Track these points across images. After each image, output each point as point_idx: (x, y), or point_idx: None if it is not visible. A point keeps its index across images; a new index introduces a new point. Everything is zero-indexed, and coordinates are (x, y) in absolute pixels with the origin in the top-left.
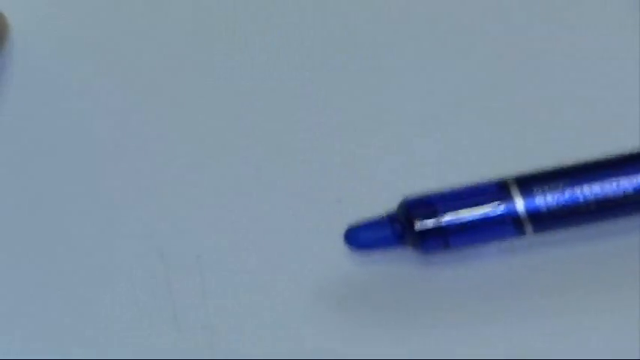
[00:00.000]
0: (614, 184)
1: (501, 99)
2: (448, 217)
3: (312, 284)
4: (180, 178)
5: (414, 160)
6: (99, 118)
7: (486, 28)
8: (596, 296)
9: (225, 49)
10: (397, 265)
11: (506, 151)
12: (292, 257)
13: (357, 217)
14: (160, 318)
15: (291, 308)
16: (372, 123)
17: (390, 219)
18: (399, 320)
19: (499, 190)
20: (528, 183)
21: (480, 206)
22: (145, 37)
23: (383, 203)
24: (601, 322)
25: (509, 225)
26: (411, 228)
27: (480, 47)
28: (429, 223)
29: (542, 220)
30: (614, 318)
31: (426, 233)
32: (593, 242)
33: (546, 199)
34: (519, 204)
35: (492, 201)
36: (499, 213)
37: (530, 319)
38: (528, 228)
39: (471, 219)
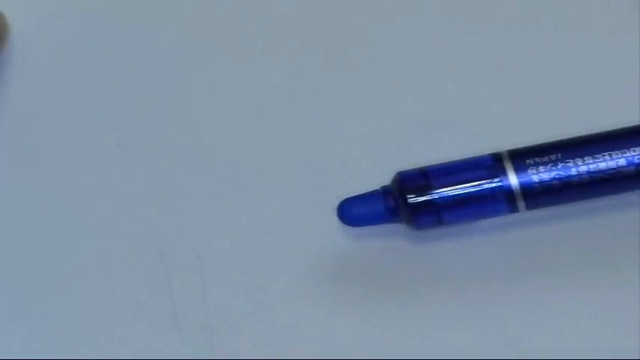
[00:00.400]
0: (608, 158)
1: (499, 97)
2: (441, 192)
3: (312, 284)
4: (180, 178)
5: (412, 156)
6: (99, 118)
7: (485, 28)
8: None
9: (225, 48)
10: (394, 253)
11: (504, 145)
12: (292, 257)
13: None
14: (160, 318)
15: (291, 308)
16: (370, 120)
17: (384, 193)
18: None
19: (493, 164)
20: (522, 157)
21: (474, 181)
22: (145, 37)
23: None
24: (601, 320)
25: (502, 201)
26: (404, 202)
27: (480, 47)
28: (423, 197)
29: (535, 196)
30: (614, 316)
31: (419, 208)
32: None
33: (540, 174)
34: (513, 179)
35: (486, 176)
36: (492, 188)
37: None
38: (521, 204)
39: (464, 194)
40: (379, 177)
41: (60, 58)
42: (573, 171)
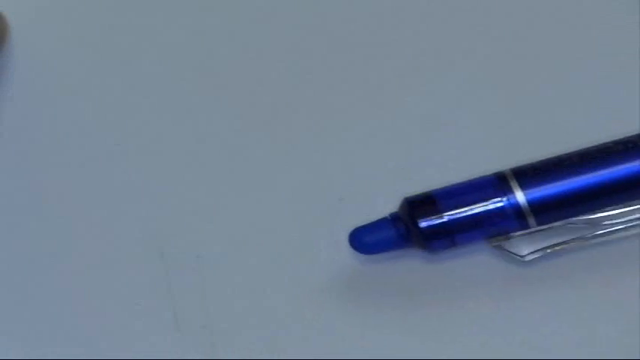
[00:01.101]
0: (611, 170)
1: (499, 97)
2: (451, 214)
3: (312, 283)
4: (180, 178)
5: (413, 156)
6: (99, 118)
7: (485, 28)
8: (597, 294)
9: (225, 48)
10: (401, 261)
11: (504, 145)
12: (292, 257)
13: (358, 216)
14: (159, 318)
15: (291, 308)
16: (370, 120)
17: (393, 219)
18: (403, 316)
19: (498, 183)
20: (526, 174)
21: (482, 202)
22: (145, 36)
23: (384, 200)
24: (602, 320)
25: (511, 218)
26: (415, 227)
27: (480, 47)
28: (433, 220)
29: (544, 211)
30: (614, 316)
31: (431, 231)
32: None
33: (546, 189)
34: (519, 196)
35: (493, 195)
36: (500, 207)
37: (535, 317)
38: (531, 220)
39: (473, 215)
40: (380, 175)
41: (60, 58)
42: (579, 184)
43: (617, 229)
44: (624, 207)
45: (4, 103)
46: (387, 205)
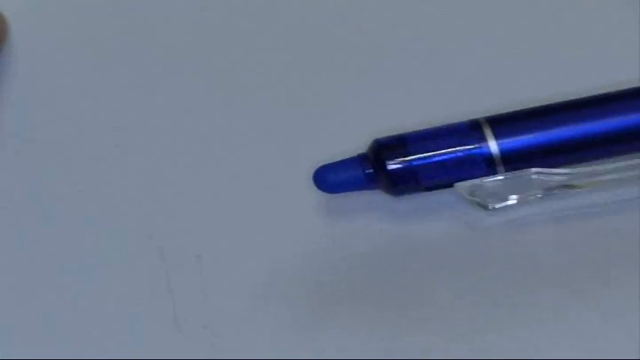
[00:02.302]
0: (586, 124)
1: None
2: (420, 157)
3: (312, 284)
4: (180, 178)
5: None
6: (99, 118)
7: (485, 28)
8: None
9: (225, 48)
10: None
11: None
12: (292, 257)
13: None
14: (159, 318)
15: (291, 308)
16: (368, 118)
17: (361, 159)
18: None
19: (472, 130)
20: (501, 123)
21: (453, 147)
22: (145, 36)
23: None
24: (601, 321)
25: (481, 165)
26: (382, 168)
27: (477, 41)
28: (401, 162)
29: (515, 161)
30: (614, 316)
31: (398, 173)
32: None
33: (518, 139)
34: (492, 144)
35: (465, 141)
36: (472, 154)
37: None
38: (500, 168)
39: (443, 159)
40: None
41: (60, 58)
42: (552, 137)
43: (583, 183)
44: (594, 164)
45: (4, 103)
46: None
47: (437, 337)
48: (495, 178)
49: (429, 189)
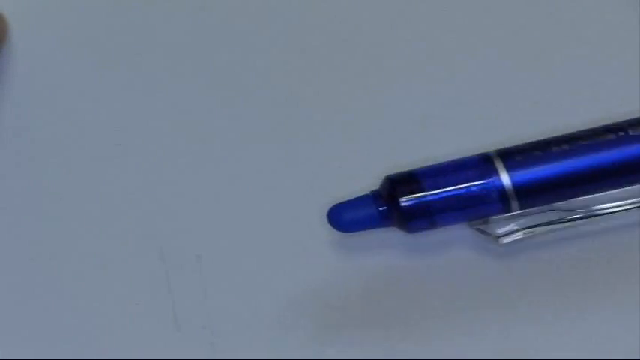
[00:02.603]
0: (598, 155)
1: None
2: (433, 193)
3: (312, 284)
4: (180, 177)
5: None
6: (99, 118)
7: (484, 28)
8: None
9: (225, 48)
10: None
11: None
12: (292, 257)
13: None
14: (159, 318)
15: (291, 308)
16: (368, 119)
17: (374, 197)
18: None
19: (483, 164)
20: (512, 156)
21: (465, 182)
22: (145, 36)
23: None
24: (601, 321)
25: (494, 200)
26: (396, 206)
27: (477, 43)
28: (414, 199)
29: (528, 195)
30: (614, 316)
31: (412, 211)
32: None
33: (530, 173)
34: (504, 178)
35: (477, 177)
36: (484, 189)
37: (522, 313)
38: (514, 203)
39: (456, 195)
40: (379, 171)
41: (60, 58)
42: (566, 169)
43: (599, 215)
44: (608, 193)
45: (4, 103)
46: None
47: None
48: (508, 215)
49: (443, 225)
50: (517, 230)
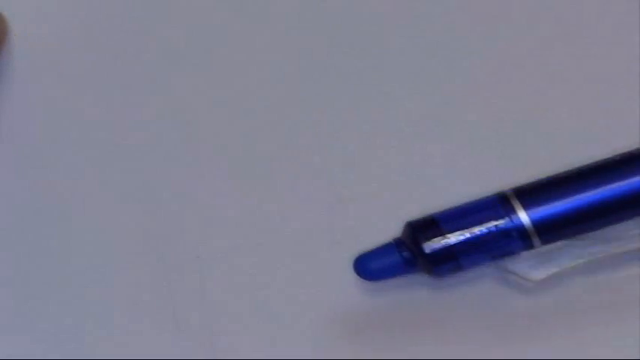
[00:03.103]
0: (615, 185)
1: (499, 103)
2: (455, 237)
3: (312, 284)
4: (180, 178)
5: (411, 172)
6: (99, 118)
7: (486, 30)
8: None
9: (225, 48)
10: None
11: (504, 161)
12: (292, 257)
13: (357, 217)
14: (160, 318)
15: (291, 308)
16: (368, 120)
17: (397, 244)
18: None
19: (500, 203)
20: (527, 193)
21: (485, 222)
22: (145, 36)
23: (385, 206)
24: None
25: (515, 238)
26: (420, 252)
27: (481, 50)
28: (437, 244)
29: (548, 229)
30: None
31: (436, 255)
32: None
33: (548, 208)
34: (522, 216)
35: (496, 215)
36: (503, 227)
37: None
38: (535, 239)
39: (477, 236)
40: (379, 172)
41: (60, 58)
42: (581, 201)
43: (624, 246)
44: (629, 222)
45: (4, 103)
46: (387, 207)
47: None
48: (531, 251)
49: (469, 267)
50: (546, 269)
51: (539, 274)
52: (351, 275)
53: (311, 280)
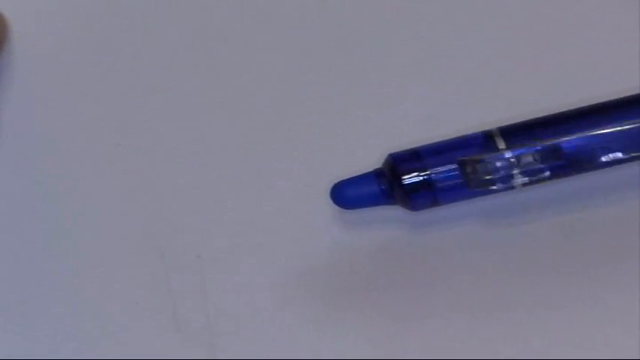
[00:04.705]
0: (599, 130)
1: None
2: (435, 171)
3: (312, 284)
4: (180, 178)
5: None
6: (98, 118)
7: (485, 28)
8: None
9: (225, 48)
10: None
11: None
12: (292, 257)
13: (357, 217)
14: (159, 318)
15: (291, 308)
16: (368, 120)
17: (377, 174)
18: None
19: (485, 141)
20: (513, 133)
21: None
22: (145, 36)
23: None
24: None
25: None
26: (398, 183)
27: (477, 39)
28: (417, 177)
29: (531, 172)
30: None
31: (414, 188)
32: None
33: (532, 149)
34: (506, 154)
35: (479, 152)
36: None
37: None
38: (517, 180)
39: (458, 173)
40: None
41: (60, 58)
42: (567, 145)
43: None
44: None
45: (4, 103)
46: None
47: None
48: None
49: (446, 202)
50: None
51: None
52: (351, 276)
53: (312, 279)
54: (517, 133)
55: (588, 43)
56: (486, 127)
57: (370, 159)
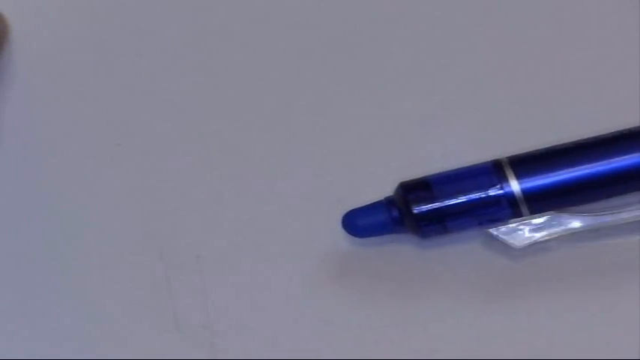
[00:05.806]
0: (608, 161)
1: (499, 88)
2: (445, 200)
3: (312, 284)
4: (180, 178)
5: (411, 151)
6: (99, 118)
7: (485, 28)
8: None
9: (225, 48)
10: (397, 252)
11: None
12: (292, 257)
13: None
14: (159, 318)
15: (291, 308)
16: (368, 119)
17: (387, 203)
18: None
19: (494, 171)
20: (522, 163)
21: (476, 189)
22: (145, 36)
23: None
24: (601, 320)
25: (505, 206)
26: (408, 212)
27: (478, 44)
28: (427, 206)
29: (538, 200)
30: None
31: (424, 217)
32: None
33: (541, 179)
34: (514, 184)
35: (488, 183)
36: (495, 195)
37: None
38: (524, 208)
39: (467, 202)
40: (379, 172)
41: (60, 58)
42: (574, 175)
43: (611, 220)
44: (619, 199)
45: (4, 103)
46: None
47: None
48: (519, 220)
49: (456, 231)
50: (531, 237)
51: (523, 241)
52: (352, 276)
53: (312, 279)
54: (526, 162)
55: (589, 48)
56: (496, 157)
57: (370, 157)
